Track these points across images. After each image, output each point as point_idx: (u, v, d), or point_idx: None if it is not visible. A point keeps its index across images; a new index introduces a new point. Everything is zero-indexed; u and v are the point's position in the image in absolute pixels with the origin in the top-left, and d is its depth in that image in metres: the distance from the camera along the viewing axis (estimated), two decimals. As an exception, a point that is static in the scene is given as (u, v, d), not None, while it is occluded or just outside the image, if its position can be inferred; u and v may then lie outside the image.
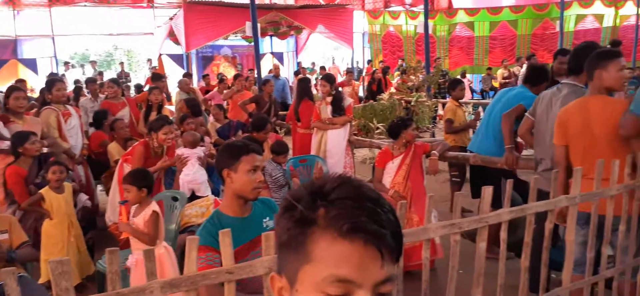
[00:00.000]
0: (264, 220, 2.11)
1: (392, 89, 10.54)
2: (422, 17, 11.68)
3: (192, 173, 4.31)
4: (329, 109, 5.50)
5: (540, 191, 2.60)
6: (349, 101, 5.73)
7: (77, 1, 14.51)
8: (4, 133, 4.20)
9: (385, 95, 9.91)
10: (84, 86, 9.17)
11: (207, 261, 1.88)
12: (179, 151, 4.38)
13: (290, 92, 12.25)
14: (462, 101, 5.65)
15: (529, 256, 2.52)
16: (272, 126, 5.55)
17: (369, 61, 17.52)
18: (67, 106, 5.15)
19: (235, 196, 2.05)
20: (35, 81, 13.45)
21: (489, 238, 2.55)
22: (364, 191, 0.74)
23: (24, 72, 13.88)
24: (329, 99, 5.54)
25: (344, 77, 12.69)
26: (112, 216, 4.28)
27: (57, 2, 14.20)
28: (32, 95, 9.80)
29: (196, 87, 10.10)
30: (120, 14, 15.90)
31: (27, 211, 3.83)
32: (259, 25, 9.07)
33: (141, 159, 3.99)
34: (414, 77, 10.28)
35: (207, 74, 13.53)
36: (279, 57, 17.86)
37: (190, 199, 4.13)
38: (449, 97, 5.69)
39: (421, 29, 11.04)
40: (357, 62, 18.64)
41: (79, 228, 3.93)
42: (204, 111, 7.15)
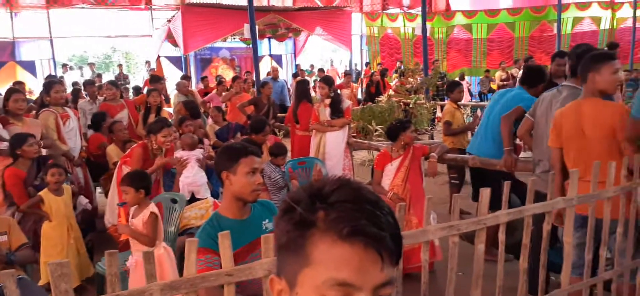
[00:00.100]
0: (263, 222, 2.11)
1: (391, 92, 10.56)
2: (419, 20, 11.73)
3: (192, 175, 4.32)
4: (328, 111, 5.51)
5: (538, 193, 2.61)
6: (347, 103, 5.74)
7: (75, 3, 14.49)
8: (3, 135, 4.19)
9: (383, 97, 9.94)
10: (82, 88, 9.17)
11: (207, 264, 1.88)
12: (178, 153, 4.38)
13: (288, 95, 12.26)
14: (461, 103, 5.66)
15: (527, 257, 2.53)
16: (270, 128, 5.55)
17: (367, 63, 17.54)
18: (65, 108, 5.16)
19: (234, 198, 2.05)
20: (33, 83, 13.42)
21: (488, 239, 2.56)
22: (363, 194, 0.74)
23: (22, 74, 13.84)
24: (328, 102, 5.55)
25: (342, 80, 12.71)
26: (111, 218, 4.28)
27: (55, 4, 14.18)
28: (31, 97, 9.78)
29: (194, 89, 10.10)
30: (118, 16, 15.88)
31: (26, 213, 3.83)
32: (257, 27, 9.08)
33: (140, 161, 3.99)
34: (412, 79, 10.30)
35: (206, 76, 13.53)
36: (278, 59, 17.85)
37: (189, 201, 4.13)
38: (448, 99, 5.70)
39: (419, 31, 11.08)
40: (355, 65, 18.65)
41: (78, 230, 3.93)
42: (202, 113, 7.15)
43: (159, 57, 14.45)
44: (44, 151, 4.30)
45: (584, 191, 2.63)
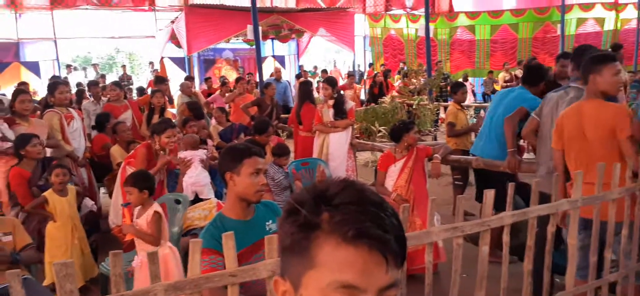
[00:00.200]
0: (267, 223, 2.11)
1: (394, 93, 10.55)
2: (423, 21, 11.71)
3: (195, 175, 4.32)
4: (331, 112, 5.51)
5: (542, 194, 2.61)
6: (350, 104, 5.73)
7: (79, 4, 14.54)
8: (8, 135, 4.22)
9: (387, 98, 9.93)
10: (86, 89, 9.19)
11: (211, 264, 1.88)
12: (181, 154, 4.39)
13: (291, 96, 12.27)
14: (464, 104, 5.65)
15: (532, 259, 2.52)
16: (274, 129, 5.56)
17: (371, 64, 17.54)
18: (69, 109, 5.17)
19: (238, 199, 2.06)
20: (37, 84, 13.48)
21: (492, 241, 2.55)
22: (368, 195, 0.74)
23: (27, 75, 13.90)
24: (331, 102, 5.54)
25: (345, 81, 12.71)
26: (115, 218, 4.29)
27: (59, 5, 14.23)
28: (35, 98, 9.82)
29: (198, 90, 10.12)
30: (121, 17, 15.91)
31: (30, 213, 3.84)
32: (260, 28, 9.07)
33: (144, 161, 4.00)
34: (415, 80, 10.28)
35: (209, 77, 13.56)
36: (281, 60, 17.88)
37: (193, 202, 4.14)
38: (451, 100, 5.69)
39: (422, 33, 11.06)
40: (358, 66, 18.66)
41: (83, 231, 3.94)
42: (206, 114, 7.16)
43: (162, 58, 14.49)
44: (48, 152, 4.31)
45: (585, 193, 2.62)
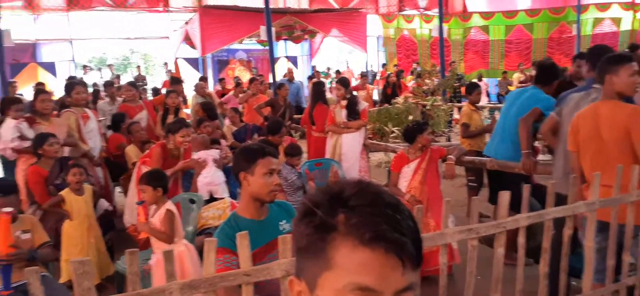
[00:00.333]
0: (281, 223, 2.12)
1: (408, 93, 10.52)
2: (436, 21, 11.65)
3: (210, 175, 4.35)
4: (344, 113, 5.50)
5: (559, 195, 2.57)
6: (363, 104, 5.71)
7: (95, 6, 14.72)
8: (29, 134, 4.29)
9: (400, 99, 9.89)
10: (101, 89, 9.31)
11: (225, 263, 1.89)
12: (195, 155, 4.42)
13: (304, 96, 12.29)
14: (478, 105, 5.60)
15: (548, 262, 2.49)
16: (287, 130, 5.57)
17: (384, 65, 17.48)
18: (85, 109, 5.24)
19: (252, 198, 2.07)
20: (53, 84, 13.69)
21: (507, 243, 2.53)
22: (384, 197, 0.74)
23: (43, 75, 14.14)
24: (344, 103, 5.53)
25: (358, 81, 12.70)
26: (130, 217, 4.34)
27: (75, 7, 14.42)
28: (52, 97, 9.97)
29: (212, 90, 10.19)
30: (136, 18, 16.09)
31: (47, 211, 3.90)
32: (273, 29, 9.12)
33: (159, 160, 4.04)
34: (429, 81, 10.24)
35: (223, 78, 13.65)
36: (293, 61, 17.91)
37: (208, 201, 4.16)
38: (465, 101, 5.65)
39: (436, 33, 11.02)
40: (371, 66, 18.61)
41: (99, 230, 3.99)
42: (219, 114, 7.21)
43: (176, 58, 14.62)
44: (66, 151, 4.38)
45: (601, 196, 2.58)
